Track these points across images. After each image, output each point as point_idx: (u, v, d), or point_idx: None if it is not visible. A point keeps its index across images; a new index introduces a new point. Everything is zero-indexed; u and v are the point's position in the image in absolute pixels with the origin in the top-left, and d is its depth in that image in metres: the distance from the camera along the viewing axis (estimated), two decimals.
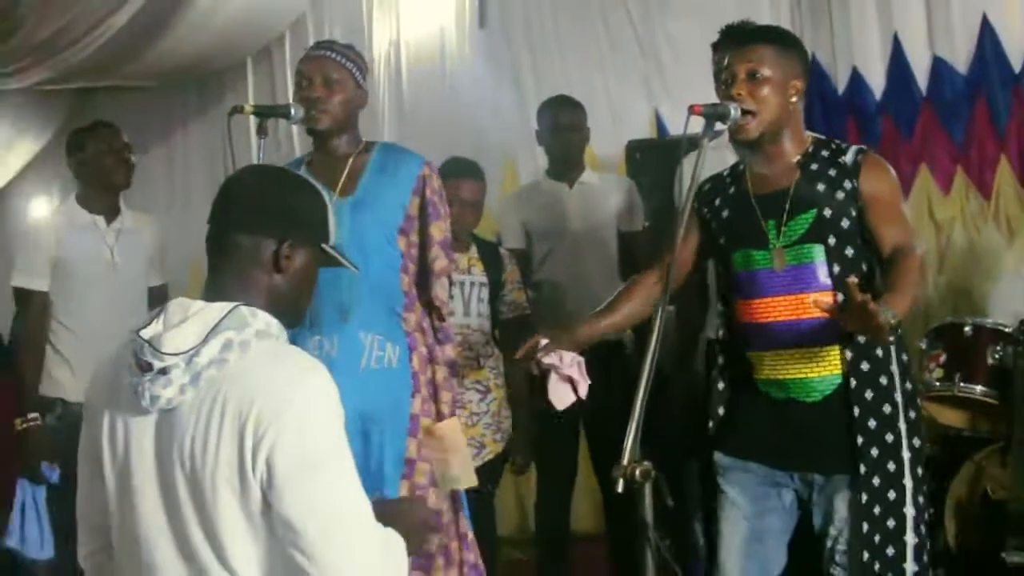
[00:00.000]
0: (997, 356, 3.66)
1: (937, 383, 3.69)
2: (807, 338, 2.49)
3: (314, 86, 2.81)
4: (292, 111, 2.80)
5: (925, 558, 2.51)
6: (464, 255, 3.54)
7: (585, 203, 3.92)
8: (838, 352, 2.49)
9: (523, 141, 4.21)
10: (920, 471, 2.52)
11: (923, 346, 3.79)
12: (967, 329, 3.71)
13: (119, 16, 5.00)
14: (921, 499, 2.51)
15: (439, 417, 2.89)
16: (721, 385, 2.69)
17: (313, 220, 1.83)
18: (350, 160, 2.86)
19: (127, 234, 3.69)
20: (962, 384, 3.65)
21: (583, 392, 2.53)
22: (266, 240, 1.77)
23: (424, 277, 2.91)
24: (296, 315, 1.85)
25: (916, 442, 2.51)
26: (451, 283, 3.18)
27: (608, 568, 3.99)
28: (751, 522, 2.60)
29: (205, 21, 5.28)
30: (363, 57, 2.95)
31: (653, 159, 4.38)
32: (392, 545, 1.72)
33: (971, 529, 3.61)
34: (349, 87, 2.84)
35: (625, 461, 1.91)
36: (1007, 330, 3.69)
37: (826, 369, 2.50)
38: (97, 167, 3.65)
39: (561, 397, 2.53)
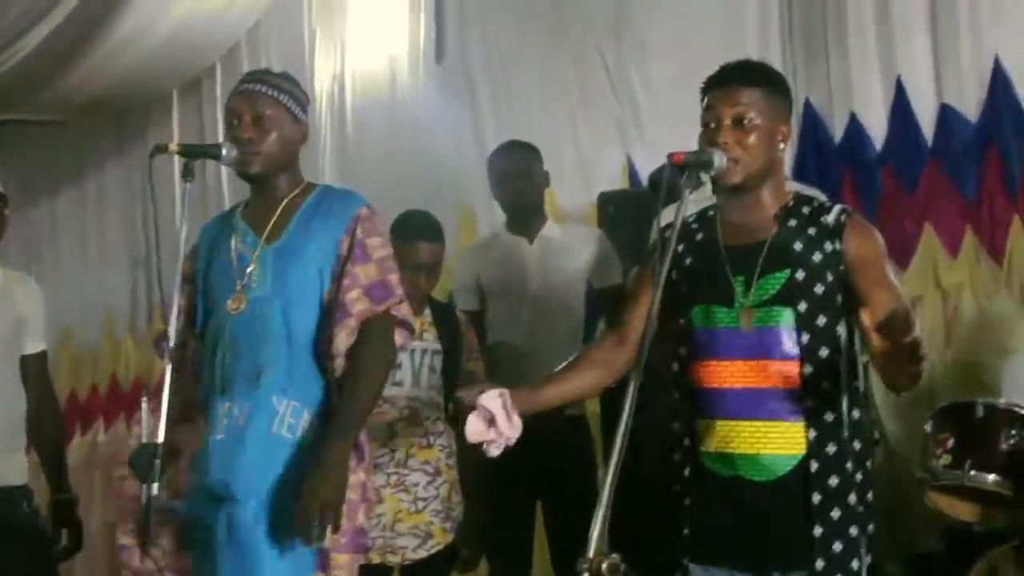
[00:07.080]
0: (1012, 441, 3.43)
1: (944, 470, 3.44)
2: (765, 410, 2.41)
3: (244, 126, 2.71)
4: (224, 151, 2.68)
5: None
6: (416, 319, 3.28)
7: (547, 259, 3.85)
8: (800, 430, 2.40)
9: (481, 187, 4.13)
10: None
11: (928, 429, 3.54)
12: (978, 410, 3.49)
13: (28, 39, 4.90)
14: None
15: (364, 493, 2.70)
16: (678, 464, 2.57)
17: None
18: (282, 204, 2.77)
19: None
20: (972, 472, 3.40)
21: (501, 425, 2.38)
22: None
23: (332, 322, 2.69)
24: None
25: (871, 528, 2.47)
26: (400, 349, 2.98)
27: None
28: None
29: (127, 48, 5.15)
30: (300, 86, 2.84)
31: (629, 212, 4.20)
32: None
33: None
34: (284, 124, 2.74)
35: (591, 553, 1.78)
36: (1023, 412, 3.46)
37: (782, 448, 2.41)
38: None
39: (474, 430, 2.42)
